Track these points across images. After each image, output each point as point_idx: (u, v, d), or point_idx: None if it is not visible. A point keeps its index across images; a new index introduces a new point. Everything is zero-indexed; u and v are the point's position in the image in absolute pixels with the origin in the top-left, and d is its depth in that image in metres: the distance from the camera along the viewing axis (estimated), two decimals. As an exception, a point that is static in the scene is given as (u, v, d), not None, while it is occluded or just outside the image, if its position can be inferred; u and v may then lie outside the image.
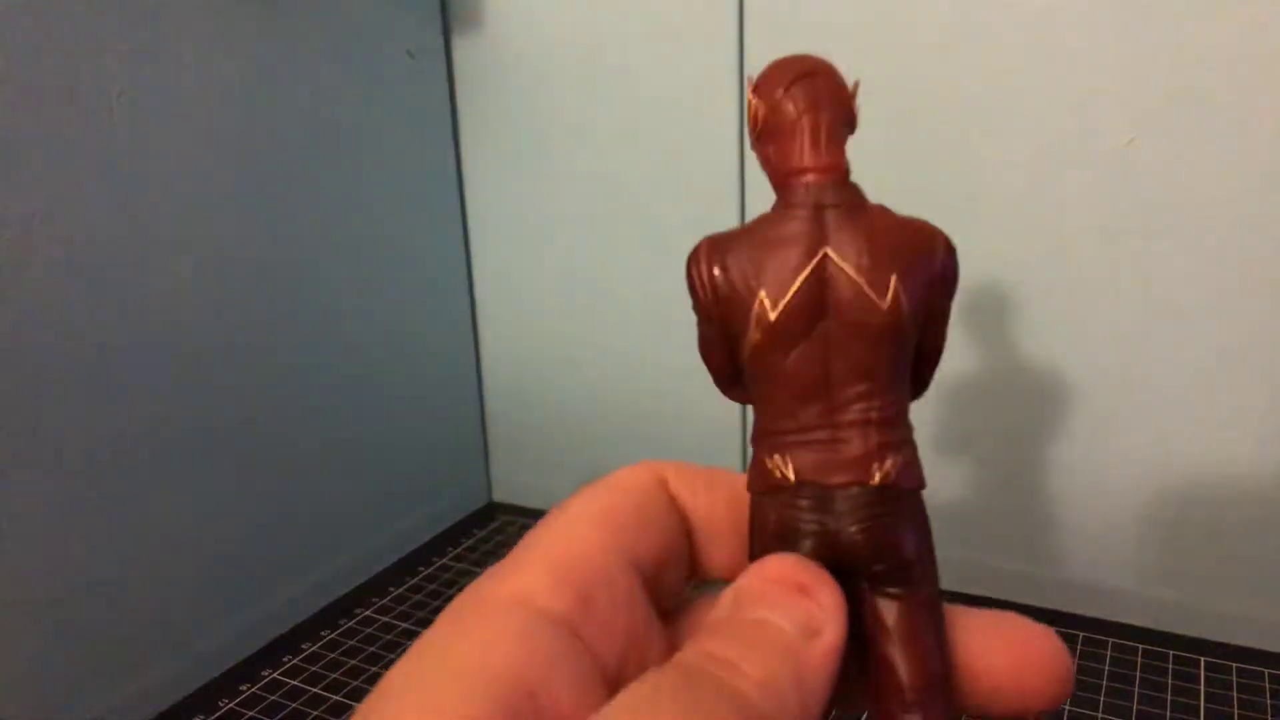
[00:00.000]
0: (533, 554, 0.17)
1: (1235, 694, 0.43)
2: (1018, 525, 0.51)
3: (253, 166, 0.47)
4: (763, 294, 0.18)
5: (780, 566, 0.17)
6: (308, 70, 0.49)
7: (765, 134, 0.20)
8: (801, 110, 0.19)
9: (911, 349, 0.19)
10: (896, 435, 0.18)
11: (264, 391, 0.49)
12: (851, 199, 0.19)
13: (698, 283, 0.19)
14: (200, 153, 0.44)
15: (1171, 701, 0.43)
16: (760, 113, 0.20)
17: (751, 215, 0.62)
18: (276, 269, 0.49)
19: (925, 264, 0.18)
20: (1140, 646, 0.47)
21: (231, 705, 0.45)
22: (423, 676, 0.15)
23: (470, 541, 0.62)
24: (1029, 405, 0.49)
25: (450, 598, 0.59)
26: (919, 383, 0.20)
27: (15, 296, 0.37)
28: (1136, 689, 0.44)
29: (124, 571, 0.42)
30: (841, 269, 0.18)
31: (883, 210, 0.19)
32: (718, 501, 0.20)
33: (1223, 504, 0.46)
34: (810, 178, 0.19)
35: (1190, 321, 0.45)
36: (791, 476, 0.18)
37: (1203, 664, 0.46)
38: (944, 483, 0.52)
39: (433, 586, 0.56)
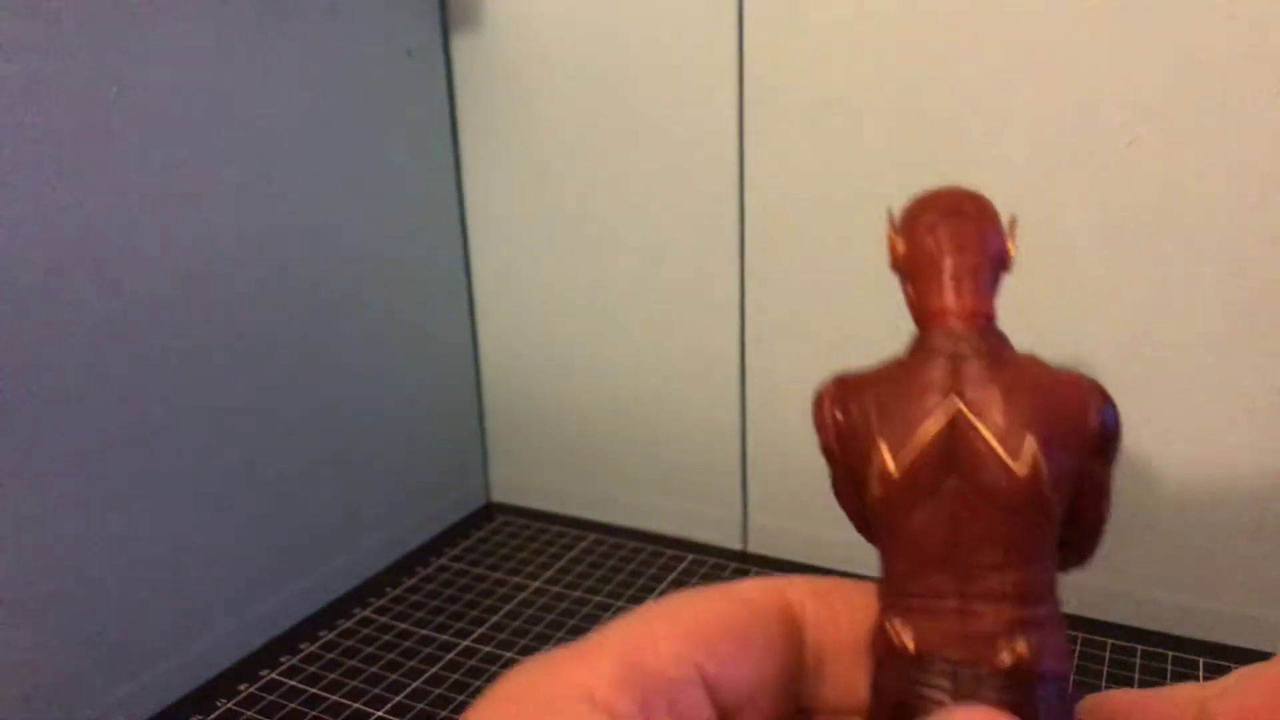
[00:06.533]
0: (605, 647, 0.16)
1: (1235, 695, 0.43)
2: (1017, 526, 0.51)
3: (250, 166, 0.47)
4: (884, 445, 0.16)
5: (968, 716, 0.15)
6: (306, 69, 0.49)
7: (905, 272, 0.19)
8: (944, 250, 0.18)
9: (1057, 518, 0.17)
10: (1037, 612, 0.16)
11: (262, 391, 0.49)
12: (994, 348, 0.17)
13: (820, 423, 0.18)
14: (198, 151, 0.44)
15: (1171, 703, 0.43)
16: (900, 249, 0.19)
17: (751, 215, 0.62)
18: (275, 268, 0.49)
19: (1072, 427, 0.16)
20: (1139, 647, 0.47)
21: (230, 705, 0.45)
22: None
23: (468, 542, 0.61)
24: (1028, 406, 0.49)
25: (448, 598, 0.59)
26: (1078, 553, 0.18)
27: (9, 296, 0.37)
28: (1136, 690, 0.44)
29: (121, 571, 0.42)
30: (974, 426, 0.16)
31: (1030, 362, 0.17)
32: (856, 628, 0.18)
33: (1222, 504, 0.46)
34: (950, 323, 0.17)
35: (1190, 321, 0.45)
36: (910, 646, 0.16)
37: (1201, 665, 0.46)
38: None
39: (431, 587, 0.56)
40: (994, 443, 0.16)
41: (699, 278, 0.56)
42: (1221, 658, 0.46)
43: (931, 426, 0.16)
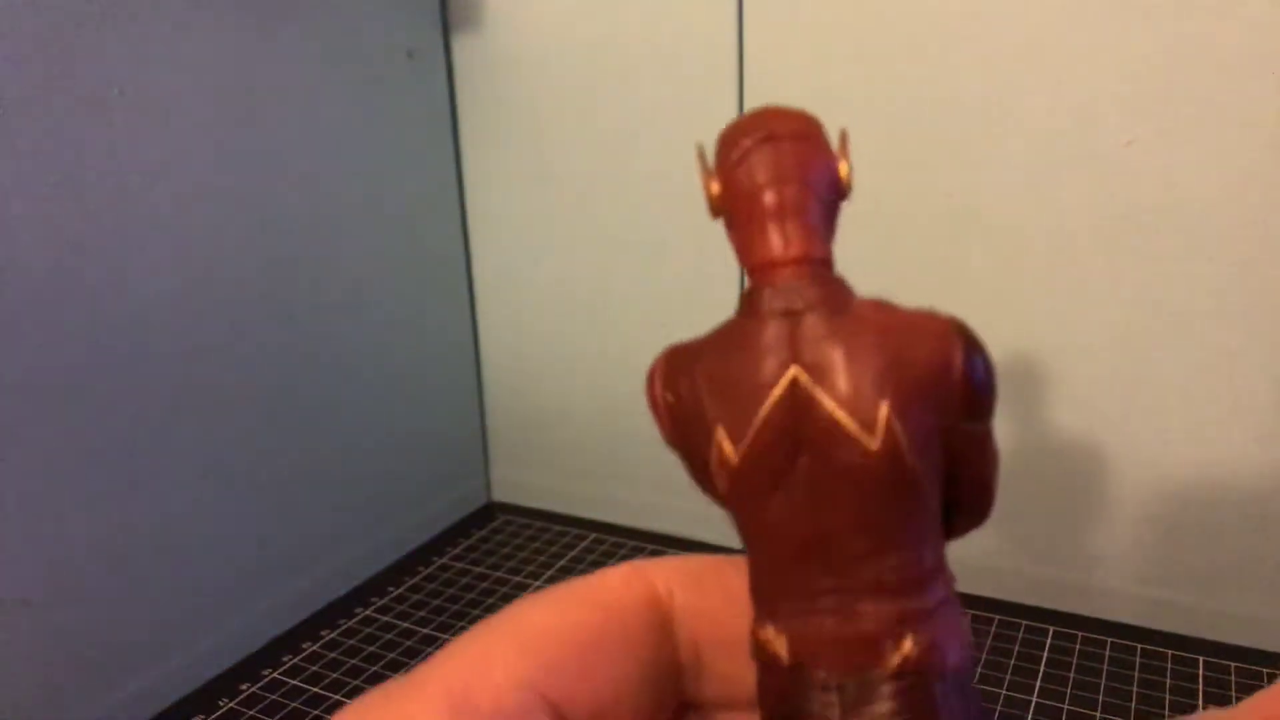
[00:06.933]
0: (436, 679, 0.14)
1: (1234, 694, 0.43)
2: (1016, 524, 0.51)
3: (252, 167, 0.47)
4: (721, 431, 0.14)
5: None
6: (307, 70, 0.49)
7: (724, 217, 0.16)
8: (760, 184, 0.15)
9: (931, 488, 0.14)
10: (924, 602, 0.14)
11: (262, 391, 0.49)
12: (832, 297, 0.14)
13: (653, 407, 0.15)
14: (199, 152, 0.44)
15: (1170, 701, 0.43)
16: (715, 189, 0.16)
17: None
18: (276, 269, 0.49)
19: (932, 379, 0.14)
20: (1139, 646, 0.47)
21: (231, 705, 0.45)
22: None
23: (470, 541, 0.62)
24: (1027, 405, 0.49)
25: (450, 597, 0.59)
26: (970, 515, 0.16)
27: (12, 296, 0.37)
28: (1135, 689, 0.44)
29: (123, 571, 0.42)
30: (815, 396, 0.14)
31: (875, 308, 0.14)
32: (736, 618, 0.16)
33: (1222, 503, 0.46)
34: (778, 274, 0.14)
35: (1190, 321, 0.45)
36: (784, 656, 0.14)
37: (1201, 664, 0.46)
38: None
39: (432, 586, 0.56)
40: (839, 413, 0.13)
41: (699, 278, 0.56)
42: (1222, 656, 0.46)
43: (767, 402, 0.14)
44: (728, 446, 0.14)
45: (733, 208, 0.15)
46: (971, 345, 0.14)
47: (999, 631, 0.49)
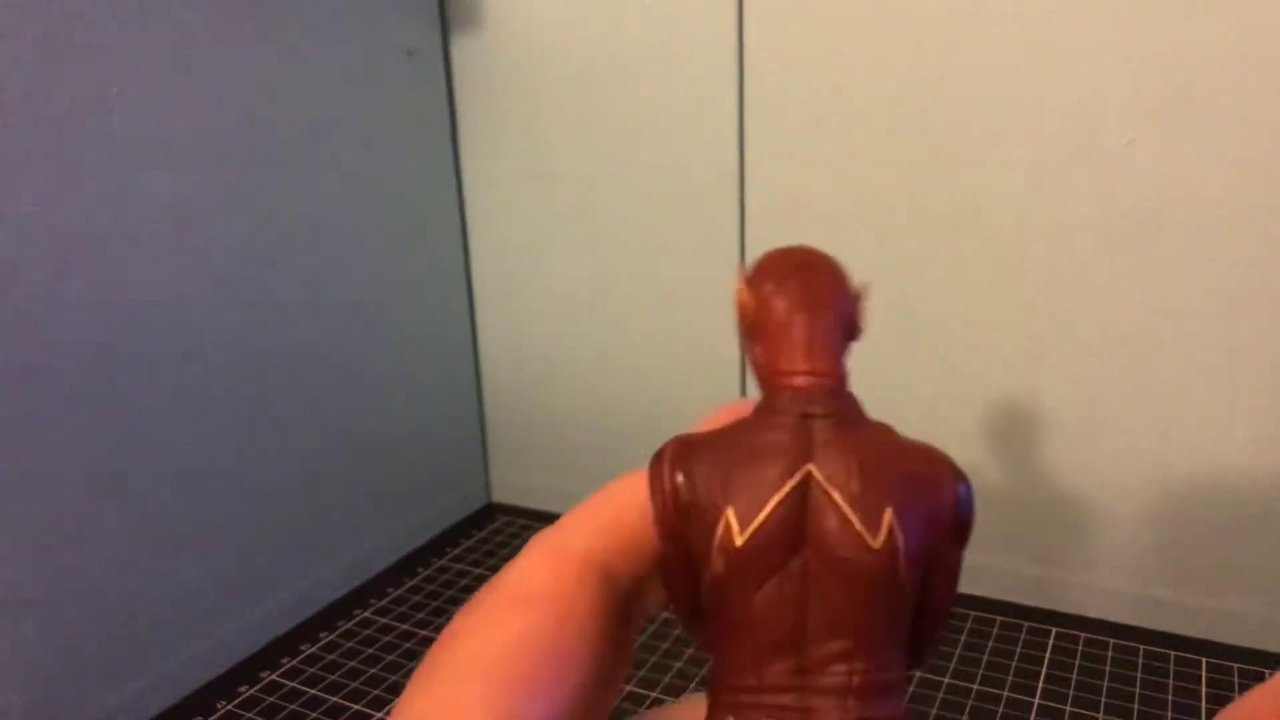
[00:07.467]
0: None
1: (1237, 695, 0.43)
2: (1018, 525, 0.51)
3: (251, 166, 0.47)
4: (730, 512, 0.15)
5: None
6: (306, 70, 0.49)
7: (753, 331, 0.17)
8: (794, 308, 0.16)
9: (910, 600, 0.15)
10: (885, 710, 0.15)
11: (262, 392, 0.49)
12: (845, 410, 0.16)
13: (656, 489, 0.16)
14: (199, 152, 0.44)
15: (1173, 702, 0.43)
16: (749, 307, 0.17)
17: (751, 216, 0.62)
18: (275, 269, 0.49)
19: (929, 498, 0.15)
20: (1141, 647, 0.47)
21: (230, 707, 0.45)
22: None
23: (469, 543, 0.61)
24: (1028, 405, 0.49)
25: (449, 599, 0.59)
26: (919, 646, 0.16)
27: (12, 296, 0.37)
28: (1138, 690, 0.44)
29: (122, 572, 0.42)
30: (827, 492, 0.15)
31: (884, 429, 0.16)
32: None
33: (1223, 503, 0.46)
34: (799, 380, 0.16)
35: (1190, 321, 0.45)
36: None
37: (1204, 665, 0.45)
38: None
39: (431, 588, 0.56)
40: (849, 511, 0.15)
41: (699, 278, 0.56)
42: (1224, 657, 0.46)
43: (780, 491, 0.15)
44: (735, 530, 0.15)
45: (765, 322, 0.17)
46: (962, 478, 0.16)
47: (1001, 633, 0.49)
